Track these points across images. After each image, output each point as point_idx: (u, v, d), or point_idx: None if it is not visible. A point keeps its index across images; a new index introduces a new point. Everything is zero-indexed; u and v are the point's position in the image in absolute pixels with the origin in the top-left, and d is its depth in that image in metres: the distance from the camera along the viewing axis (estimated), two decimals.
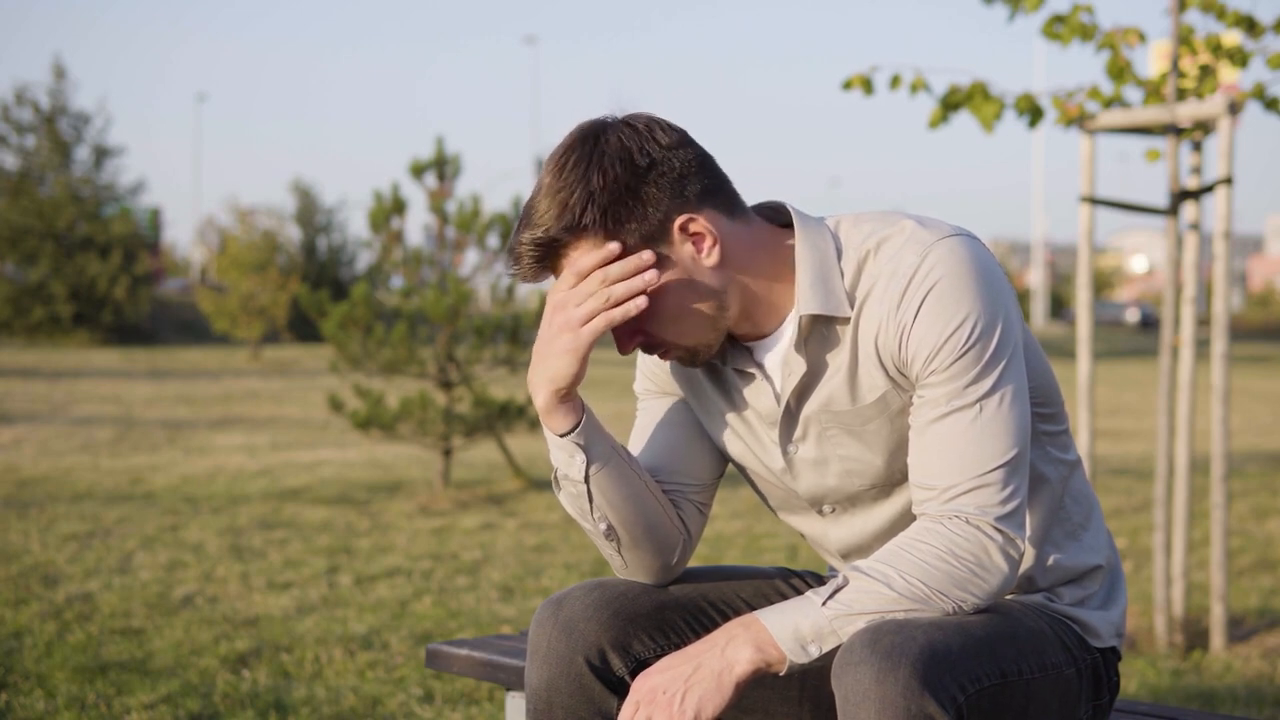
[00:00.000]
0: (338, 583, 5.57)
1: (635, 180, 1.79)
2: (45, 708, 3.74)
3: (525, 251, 1.82)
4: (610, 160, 1.78)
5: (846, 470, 1.92)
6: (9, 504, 7.64)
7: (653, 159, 1.80)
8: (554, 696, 1.91)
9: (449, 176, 8.61)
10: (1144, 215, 4.88)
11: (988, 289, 1.80)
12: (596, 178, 1.78)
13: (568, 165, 1.79)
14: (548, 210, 1.79)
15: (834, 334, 1.86)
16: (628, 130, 1.81)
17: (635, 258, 1.80)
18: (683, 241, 1.82)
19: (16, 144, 35.60)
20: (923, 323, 1.79)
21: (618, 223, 1.79)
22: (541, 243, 1.81)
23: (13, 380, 19.71)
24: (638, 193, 1.79)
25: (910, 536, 1.79)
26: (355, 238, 40.32)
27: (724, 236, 1.84)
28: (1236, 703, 3.99)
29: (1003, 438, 1.79)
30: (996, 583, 1.79)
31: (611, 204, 1.78)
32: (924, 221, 1.85)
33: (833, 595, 1.76)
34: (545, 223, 1.79)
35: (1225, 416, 4.60)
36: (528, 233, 1.81)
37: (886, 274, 1.82)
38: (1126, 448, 11.66)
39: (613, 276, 1.80)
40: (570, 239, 1.80)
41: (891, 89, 4.89)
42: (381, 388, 8.88)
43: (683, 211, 1.81)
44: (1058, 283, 64.57)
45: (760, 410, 1.94)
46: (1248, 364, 30.02)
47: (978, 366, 1.79)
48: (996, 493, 1.78)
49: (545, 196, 1.80)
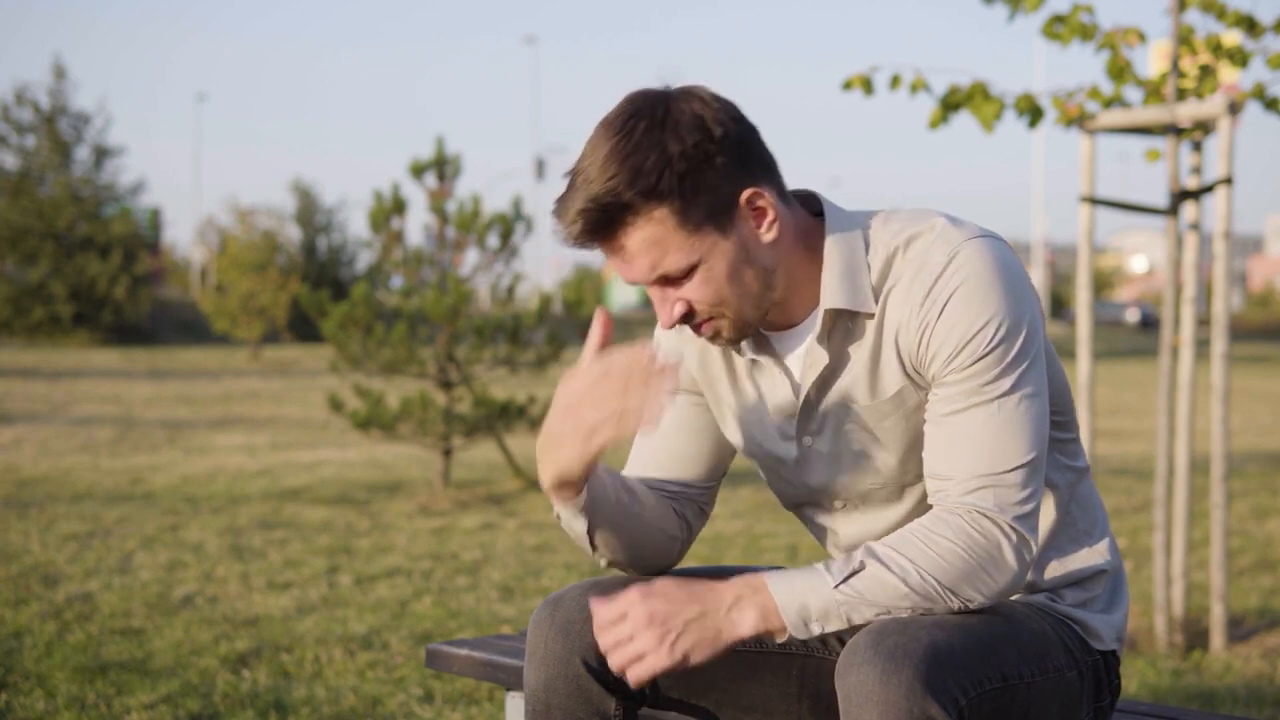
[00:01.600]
0: (338, 583, 5.57)
1: (711, 149, 1.74)
2: (45, 708, 3.74)
3: (587, 211, 1.74)
4: (686, 128, 1.74)
5: (861, 467, 1.92)
6: (9, 504, 7.64)
7: (726, 130, 1.76)
8: (552, 697, 1.91)
9: (449, 176, 8.61)
10: (1144, 215, 4.88)
11: (1014, 292, 1.79)
12: (673, 143, 1.73)
13: (637, 130, 1.74)
14: (618, 174, 1.72)
15: (857, 328, 1.86)
16: (696, 101, 1.77)
17: (657, 367, 1.75)
18: (746, 215, 1.80)
19: (16, 144, 35.62)
20: (946, 322, 1.78)
21: (693, 191, 1.75)
22: (609, 206, 1.74)
23: (13, 380, 19.71)
24: (713, 162, 1.75)
25: (928, 528, 1.77)
26: (355, 238, 40.36)
27: (781, 215, 1.83)
28: (1236, 703, 3.99)
29: (1022, 439, 1.78)
30: (1006, 581, 1.78)
31: (689, 171, 1.74)
32: (955, 221, 1.84)
33: (847, 579, 1.74)
34: (615, 186, 1.73)
35: (1225, 416, 4.60)
36: (587, 191, 1.74)
37: (912, 271, 1.81)
38: (1126, 448, 11.65)
39: (633, 383, 1.75)
40: (641, 204, 1.74)
41: (891, 89, 4.89)
42: (381, 388, 8.88)
43: (750, 185, 1.79)
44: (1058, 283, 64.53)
45: (777, 401, 1.93)
46: (1248, 364, 30.01)
47: (999, 368, 1.78)
48: (1016, 492, 1.78)
49: (612, 160, 1.73)
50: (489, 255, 8.62)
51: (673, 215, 1.76)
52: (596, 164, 1.74)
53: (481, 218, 8.53)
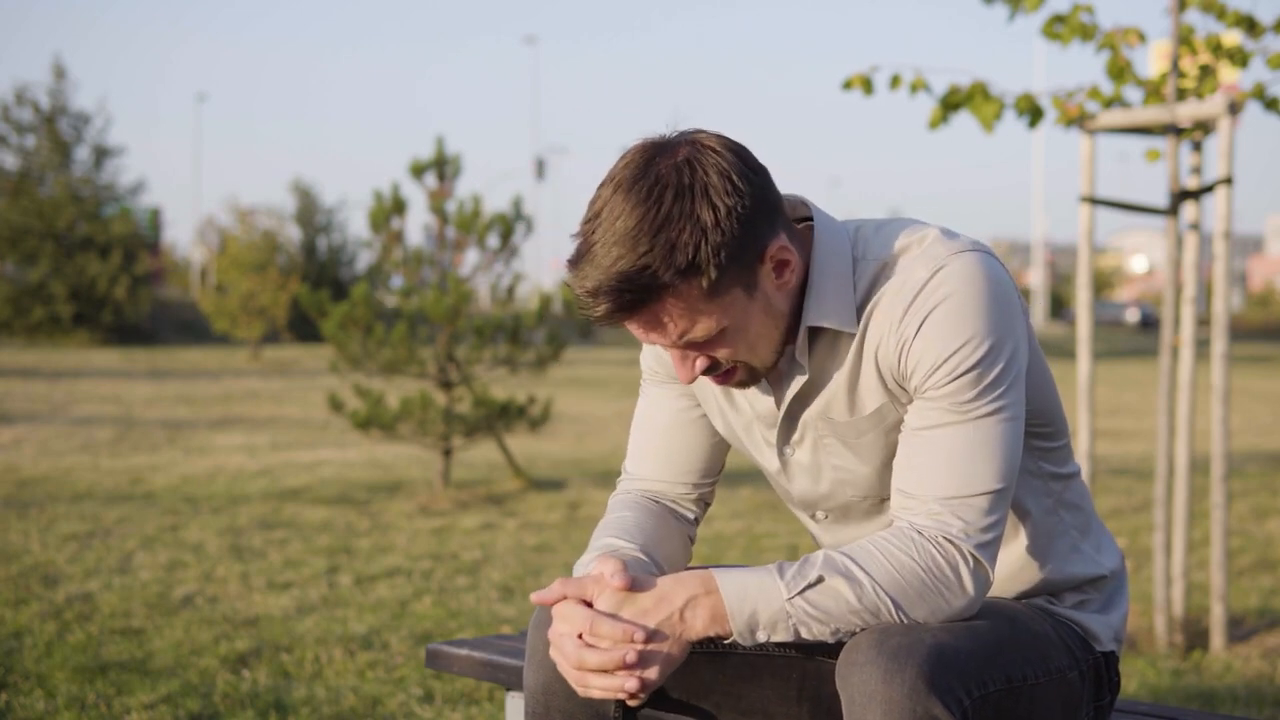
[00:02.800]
0: (338, 583, 5.57)
1: (741, 213, 1.68)
2: (45, 708, 3.74)
3: (618, 292, 1.68)
4: (716, 192, 1.67)
5: (839, 480, 1.92)
6: (9, 504, 7.64)
7: (751, 185, 1.70)
8: (551, 700, 1.91)
9: (449, 176, 8.60)
10: (1144, 215, 4.87)
11: (997, 312, 1.75)
12: (705, 212, 1.66)
13: (665, 198, 1.66)
14: (649, 250, 1.65)
15: (840, 343, 1.84)
16: (713, 155, 1.69)
17: (645, 641, 1.73)
18: (769, 270, 1.75)
19: (16, 144, 35.62)
20: (923, 340, 1.75)
21: (730, 260, 1.68)
22: (644, 287, 1.67)
23: (13, 380, 19.71)
24: (743, 227, 1.69)
25: (893, 545, 1.75)
26: (355, 238, 40.33)
27: (796, 259, 1.79)
28: (1236, 703, 3.99)
29: (991, 464, 1.76)
30: (959, 606, 1.76)
31: (723, 244, 1.67)
32: (948, 235, 1.81)
33: (802, 592, 1.73)
34: (650, 264, 1.66)
35: (1225, 416, 4.60)
36: (617, 268, 1.66)
37: (895, 286, 1.78)
38: (1126, 448, 11.65)
39: (634, 647, 1.73)
40: (678, 283, 1.68)
41: (891, 89, 4.89)
42: (381, 388, 8.88)
43: (772, 238, 1.74)
44: (1058, 283, 64.57)
45: (759, 411, 1.93)
46: (1248, 364, 30.01)
47: (976, 389, 1.75)
48: (981, 517, 1.75)
49: (642, 234, 1.66)
50: (489, 255, 8.62)
51: (705, 286, 1.70)
52: (622, 236, 1.66)
53: (481, 218, 8.53)
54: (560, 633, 1.78)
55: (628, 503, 2.03)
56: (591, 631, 1.75)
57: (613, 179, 1.71)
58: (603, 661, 1.74)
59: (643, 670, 1.75)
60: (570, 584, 1.79)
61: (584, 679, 1.77)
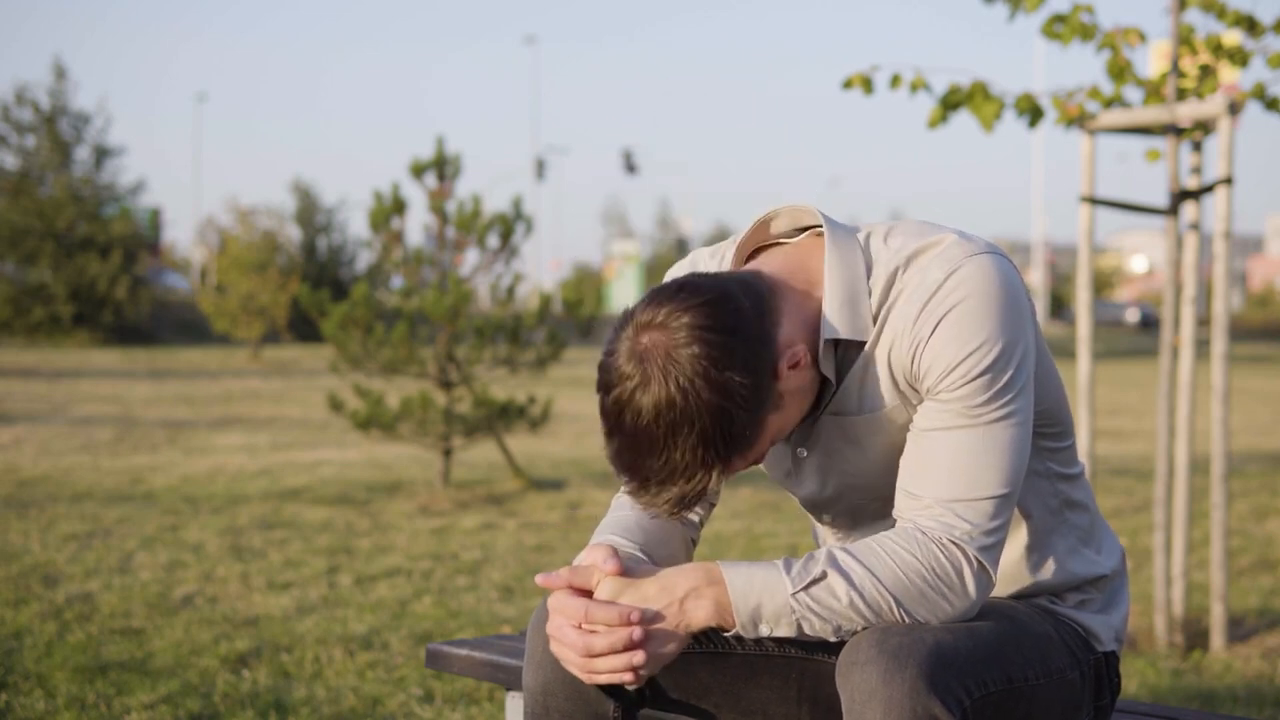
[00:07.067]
0: (338, 583, 5.57)
1: (742, 390, 1.69)
2: (45, 708, 3.74)
3: (683, 502, 1.75)
4: (720, 390, 1.67)
5: (848, 484, 1.92)
6: (9, 504, 7.64)
7: (735, 353, 1.68)
8: (550, 700, 1.91)
9: (449, 176, 8.61)
10: (1144, 215, 4.87)
11: (1011, 316, 1.75)
12: (713, 424, 1.68)
13: (679, 438, 1.69)
14: (688, 480, 1.72)
15: (854, 347, 1.83)
16: (691, 362, 1.67)
17: (642, 621, 1.75)
18: (787, 373, 1.76)
19: (16, 144, 35.66)
20: (938, 342, 1.75)
21: (752, 419, 1.72)
22: (700, 492, 1.74)
23: (13, 380, 19.72)
24: (753, 390, 1.70)
25: (897, 544, 1.75)
26: (355, 238, 40.40)
27: (809, 345, 1.79)
28: (1236, 703, 3.99)
29: (999, 469, 1.76)
30: (961, 608, 1.77)
31: (742, 420, 1.70)
32: (965, 237, 1.81)
33: (806, 587, 1.73)
34: (695, 487, 1.72)
35: (1225, 416, 4.60)
36: (670, 498, 1.73)
37: (910, 288, 1.78)
38: (1126, 448, 11.66)
39: (636, 627, 1.74)
40: (726, 466, 1.73)
41: (891, 89, 4.89)
42: (381, 388, 8.89)
43: (779, 361, 1.74)
44: (1058, 283, 64.54)
45: None
46: (1248, 364, 30.01)
47: (988, 393, 1.75)
48: (986, 521, 1.76)
49: (680, 470, 1.71)
50: (489, 255, 8.62)
51: (745, 448, 1.75)
52: (661, 472, 1.72)
53: (481, 218, 8.53)
54: (559, 624, 1.79)
55: (629, 503, 2.03)
56: (588, 618, 1.76)
57: (624, 402, 1.70)
58: (611, 643, 1.75)
59: (647, 646, 1.75)
60: (576, 573, 1.81)
61: (590, 665, 1.77)
